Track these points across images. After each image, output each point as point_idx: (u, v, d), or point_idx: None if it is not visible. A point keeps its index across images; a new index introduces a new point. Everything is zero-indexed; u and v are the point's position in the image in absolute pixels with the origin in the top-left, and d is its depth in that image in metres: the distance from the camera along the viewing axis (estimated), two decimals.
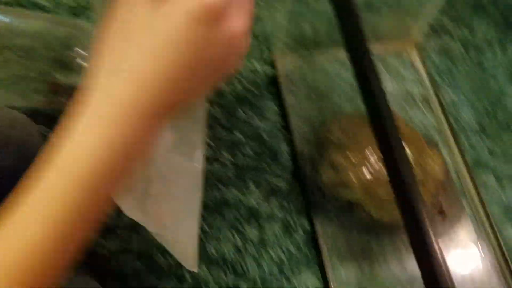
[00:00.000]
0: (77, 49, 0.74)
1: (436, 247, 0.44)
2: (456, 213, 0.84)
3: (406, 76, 0.98)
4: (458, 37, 1.02)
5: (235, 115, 0.88)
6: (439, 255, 0.43)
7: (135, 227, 0.76)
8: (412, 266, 0.79)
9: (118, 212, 0.43)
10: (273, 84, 0.92)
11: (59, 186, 0.31)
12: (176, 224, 0.53)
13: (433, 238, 0.45)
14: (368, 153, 0.77)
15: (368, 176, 0.76)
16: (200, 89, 0.37)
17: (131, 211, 0.49)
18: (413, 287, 0.76)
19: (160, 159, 0.49)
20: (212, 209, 0.80)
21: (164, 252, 0.76)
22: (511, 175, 0.88)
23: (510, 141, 0.92)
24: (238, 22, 0.34)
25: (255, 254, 0.78)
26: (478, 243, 0.82)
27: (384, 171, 0.75)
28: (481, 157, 0.90)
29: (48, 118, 0.63)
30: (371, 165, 0.76)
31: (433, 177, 0.80)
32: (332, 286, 0.76)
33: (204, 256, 0.76)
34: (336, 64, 0.96)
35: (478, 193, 0.86)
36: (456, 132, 0.91)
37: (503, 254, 0.81)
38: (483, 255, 0.81)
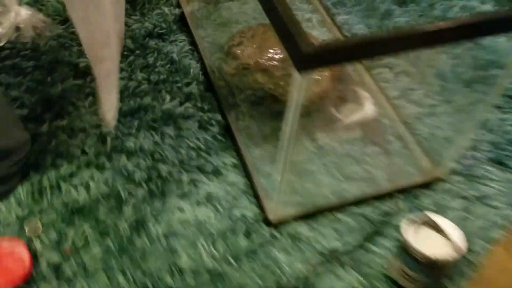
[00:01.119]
0: None
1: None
2: (357, 97, 0.92)
3: (303, 8, 1.09)
4: None
5: (147, 46, 0.96)
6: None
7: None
8: (316, 140, 0.85)
9: None
10: (181, 21, 1.02)
11: None
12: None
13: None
14: (262, 46, 0.85)
15: (264, 61, 0.84)
16: None
17: None
18: (315, 159, 0.82)
19: None
20: (129, 114, 0.85)
21: (83, 148, 0.80)
22: (404, 68, 0.98)
23: None
24: None
25: (172, 144, 0.82)
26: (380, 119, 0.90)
27: (276, 57, 0.84)
28: None
29: None
30: (263, 52, 0.84)
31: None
32: (247, 161, 0.80)
33: (122, 148, 0.80)
34: (235, 4, 1.07)
35: (377, 83, 0.95)
36: None
37: (406, 123, 0.88)
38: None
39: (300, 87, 0.52)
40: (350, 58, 0.51)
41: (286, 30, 0.49)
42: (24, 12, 0.91)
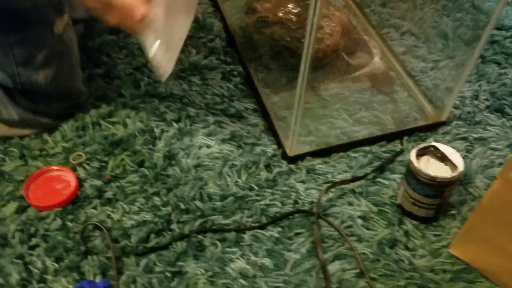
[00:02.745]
0: None
1: None
2: (366, 50, 1.00)
3: None
4: None
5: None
6: None
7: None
8: (329, 89, 0.93)
9: None
10: None
11: None
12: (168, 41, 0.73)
13: None
14: (277, 1, 0.94)
15: (281, 14, 0.92)
16: None
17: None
18: (328, 105, 0.91)
19: None
20: None
21: (119, 92, 0.89)
22: (409, 28, 1.06)
23: (405, 7, 1.10)
24: None
25: (199, 90, 0.91)
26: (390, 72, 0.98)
27: (293, 11, 0.92)
28: (383, 18, 1.08)
29: None
30: (280, 7, 0.92)
31: (340, 20, 0.96)
32: (266, 106, 0.89)
33: (154, 93, 0.89)
34: None
35: (384, 41, 1.03)
36: (360, 4, 1.10)
37: (411, 76, 0.96)
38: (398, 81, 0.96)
39: (316, 5, 0.59)
40: None
41: None
42: None
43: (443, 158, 0.74)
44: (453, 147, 0.85)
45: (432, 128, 0.88)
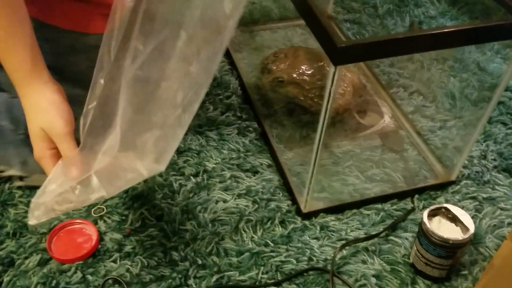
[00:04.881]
0: None
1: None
2: (377, 109, 1.04)
3: None
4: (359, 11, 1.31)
5: None
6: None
7: None
8: (341, 147, 0.96)
9: None
10: None
11: None
12: None
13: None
14: (294, 63, 0.98)
15: (295, 75, 0.96)
16: None
17: None
18: (340, 162, 0.94)
19: None
20: None
21: None
22: (417, 88, 1.10)
23: (413, 67, 1.15)
24: None
25: (216, 146, 0.94)
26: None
27: (306, 72, 0.96)
28: (392, 79, 1.12)
29: None
30: (294, 68, 0.97)
31: (351, 81, 1.01)
32: (281, 162, 0.92)
33: None
34: (267, 32, 1.22)
35: (393, 100, 1.07)
36: (370, 65, 1.14)
37: (420, 135, 0.99)
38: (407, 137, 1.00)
39: (334, 77, 0.63)
40: (377, 55, 0.63)
41: (324, 31, 0.61)
42: None
43: (454, 219, 0.76)
44: (463, 206, 0.88)
45: (442, 187, 0.91)
